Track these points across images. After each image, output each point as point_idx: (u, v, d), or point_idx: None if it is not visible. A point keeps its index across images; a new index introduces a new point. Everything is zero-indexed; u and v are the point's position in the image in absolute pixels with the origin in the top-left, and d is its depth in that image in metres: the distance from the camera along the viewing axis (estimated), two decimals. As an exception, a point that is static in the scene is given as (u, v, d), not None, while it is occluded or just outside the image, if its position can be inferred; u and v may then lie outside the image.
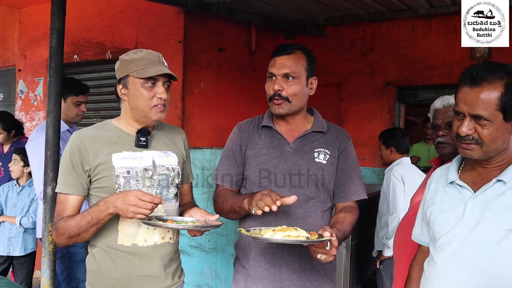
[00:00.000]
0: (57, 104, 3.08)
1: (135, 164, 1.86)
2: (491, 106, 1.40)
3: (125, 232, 1.84)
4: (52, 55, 3.10)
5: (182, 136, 2.11)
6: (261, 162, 1.99)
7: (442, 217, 1.55)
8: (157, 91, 1.84)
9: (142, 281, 1.87)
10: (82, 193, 1.85)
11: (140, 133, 1.91)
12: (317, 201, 1.97)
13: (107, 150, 1.85)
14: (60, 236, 1.81)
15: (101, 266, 1.87)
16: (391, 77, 5.43)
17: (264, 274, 1.96)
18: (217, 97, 4.89)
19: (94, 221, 1.74)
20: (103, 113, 5.00)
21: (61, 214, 1.83)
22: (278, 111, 1.96)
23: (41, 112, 5.48)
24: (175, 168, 1.97)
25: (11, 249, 3.91)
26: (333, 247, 1.62)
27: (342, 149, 2.03)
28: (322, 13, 5.20)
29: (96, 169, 1.83)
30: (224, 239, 3.73)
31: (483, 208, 1.45)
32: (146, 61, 1.84)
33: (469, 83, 1.43)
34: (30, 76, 5.65)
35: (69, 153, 1.84)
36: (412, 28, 5.29)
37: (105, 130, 1.92)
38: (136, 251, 1.85)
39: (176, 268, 2.01)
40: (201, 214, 1.88)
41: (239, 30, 5.24)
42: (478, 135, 1.43)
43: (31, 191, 3.99)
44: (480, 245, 1.43)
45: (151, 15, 4.64)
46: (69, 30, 4.85)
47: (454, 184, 1.56)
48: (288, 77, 1.92)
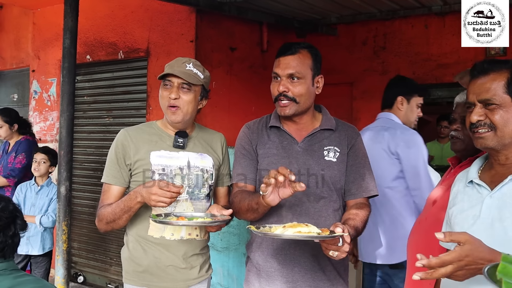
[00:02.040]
0: (70, 104, 3.11)
1: (171, 162, 2.02)
2: (499, 90, 1.44)
3: (155, 224, 1.99)
4: (65, 56, 3.14)
5: (221, 140, 2.22)
6: (272, 162, 1.97)
7: (461, 216, 1.54)
8: (170, 92, 1.97)
9: (169, 270, 2.02)
10: (124, 184, 2.05)
11: (178, 135, 2.05)
12: (328, 200, 1.95)
13: (147, 148, 2.02)
14: (100, 221, 2.01)
15: (132, 253, 2.05)
16: (404, 75, 5.36)
17: (276, 274, 1.94)
18: (228, 96, 4.89)
19: (126, 209, 1.91)
20: (116, 113, 5.03)
21: (103, 202, 2.03)
22: (284, 113, 1.94)
23: (55, 112, 5.53)
24: (209, 170, 2.09)
25: (30, 248, 3.96)
26: (345, 244, 1.60)
27: (352, 146, 2.01)
28: (334, 12, 5.17)
29: (135, 164, 2.01)
30: (237, 239, 3.72)
31: (500, 206, 1.43)
32: (170, 65, 2.00)
33: (477, 74, 1.49)
34: (43, 77, 5.70)
35: (114, 147, 2.05)
36: (425, 26, 5.23)
37: (149, 130, 2.10)
38: (163, 243, 2.02)
39: (204, 262, 2.12)
40: (217, 210, 1.93)
41: (251, 29, 5.23)
42: (490, 120, 1.45)
43: (49, 191, 4.05)
44: (495, 243, 1.39)
45: (163, 15, 4.65)
46: (82, 30, 4.88)
47: (473, 183, 1.55)
48: (293, 78, 1.91)
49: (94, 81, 5.24)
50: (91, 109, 5.27)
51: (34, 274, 4.02)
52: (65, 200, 3.05)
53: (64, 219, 3.05)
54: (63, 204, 3.04)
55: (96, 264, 5.12)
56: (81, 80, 5.26)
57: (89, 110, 5.28)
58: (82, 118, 5.28)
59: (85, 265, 5.25)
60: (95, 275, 5.14)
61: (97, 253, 5.09)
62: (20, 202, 4.00)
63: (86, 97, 5.28)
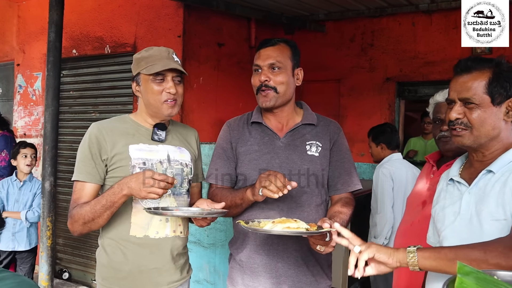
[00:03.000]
0: (55, 99, 3.08)
1: (151, 156, 1.92)
2: (479, 90, 1.45)
3: (138, 223, 1.88)
4: (50, 49, 3.10)
5: (195, 135, 2.17)
6: (253, 159, 1.98)
7: (443, 213, 1.57)
8: (165, 86, 1.88)
9: (152, 274, 1.90)
10: (99, 181, 1.90)
11: (157, 127, 1.96)
12: (311, 195, 1.97)
13: (124, 141, 1.90)
14: (75, 223, 1.84)
15: (112, 259, 1.90)
16: (391, 72, 5.42)
17: (260, 270, 1.95)
18: (216, 92, 4.88)
19: (109, 204, 1.76)
20: (102, 108, 4.98)
21: (76, 201, 1.87)
22: (265, 104, 1.95)
23: (40, 106, 5.46)
24: (188, 164, 2.02)
25: (16, 244, 3.93)
26: (332, 239, 1.63)
27: (335, 141, 2.03)
28: (322, 8, 5.18)
29: (113, 159, 1.88)
30: (223, 235, 3.72)
31: (476, 201, 1.47)
32: (155, 57, 1.89)
33: (459, 71, 1.50)
34: (28, 71, 5.63)
35: (88, 142, 1.90)
36: (413, 24, 5.27)
37: (123, 123, 1.98)
38: (147, 243, 1.89)
39: (185, 263, 2.05)
40: (207, 204, 1.88)
41: (239, 25, 5.21)
42: (467, 119, 1.47)
43: (32, 186, 4.01)
44: (473, 236, 1.44)
45: (150, 10, 4.61)
46: (68, 24, 4.82)
47: (454, 181, 1.59)
48: (274, 68, 1.93)
49: (80, 76, 5.18)
50: (77, 104, 5.21)
51: (20, 270, 3.99)
52: (50, 195, 3.01)
53: (49, 215, 3.02)
54: (48, 200, 3.01)
55: (81, 261, 5.08)
56: (67, 75, 5.20)
57: (75, 105, 5.22)
58: (68, 113, 5.23)
59: (70, 261, 5.21)
60: (80, 271, 5.10)
61: (82, 250, 5.05)
62: (3, 199, 3.96)
63: (72, 92, 5.22)
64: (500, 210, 1.40)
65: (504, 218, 1.38)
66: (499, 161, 1.47)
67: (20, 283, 1.45)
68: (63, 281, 5.14)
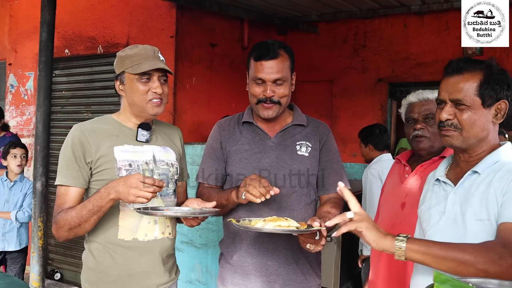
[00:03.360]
0: (47, 99, 3.07)
1: (136, 157, 1.87)
2: (470, 91, 1.46)
3: (126, 226, 1.83)
4: (42, 49, 3.09)
5: (178, 134, 2.12)
6: (244, 158, 1.99)
7: (428, 213, 1.59)
8: (152, 86, 1.84)
9: (142, 277, 1.86)
10: (84, 185, 1.84)
11: (142, 127, 1.92)
12: (300, 194, 1.99)
13: (109, 143, 1.85)
14: (60, 228, 1.78)
15: (100, 263, 1.85)
16: (383, 73, 5.45)
17: (250, 269, 1.97)
18: (209, 92, 4.88)
19: (95, 209, 1.71)
20: (94, 108, 4.97)
21: (61, 207, 1.80)
22: (267, 115, 1.95)
23: (32, 106, 5.44)
24: (174, 163, 1.98)
25: (6, 244, 3.90)
26: (322, 237, 1.66)
27: (324, 142, 2.05)
28: (315, 9, 5.20)
29: (97, 162, 1.82)
30: (215, 235, 3.72)
31: (461, 201, 1.48)
32: (141, 56, 1.84)
33: (451, 72, 1.51)
34: (20, 70, 5.60)
35: (70, 144, 1.83)
36: (405, 25, 5.30)
37: (106, 124, 1.92)
38: (136, 246, 1.84)
39: (173, 265, 2.02)
40: (198, 203, 1.86)
41: (232, 26, 5.22)
42: (458, 120, 1.48)
43: (23, 186, 4.00)
44: (457, 236, 1.45)
45: (143, 10, 4.61)
46: (60, 24, 4.81)
47: (440, 181, 1.60)
48: (278, 81, 1.92)
49: (73, 76, 5.16)
50: (69, 104, 5.19)
51: (10, 270, 3.96)
52: (41, 196, 3.00)
53: (40, 215, 3.01)
54: (39, 200, 3.00)
55: (73, 261, 5.06)
56: (59, 75, 5.18)
57: (67, 105, 5.21)
58: (60, 113, 5.21)
59: (62, 262, 5.19)
60: (72, 272, 5.08)
61: (74, 250, 5.03)
62: None
63: (64, 91, 5.21)
64: (484, 210, 1.41)
65: (487, 219, 1.40)
66: (484, 162, 1.49)
67: (11, 283, 1.44)
68: (55, 282, 5.12)
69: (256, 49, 1.96)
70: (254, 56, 1.94)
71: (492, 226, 1.39)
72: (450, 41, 5.04)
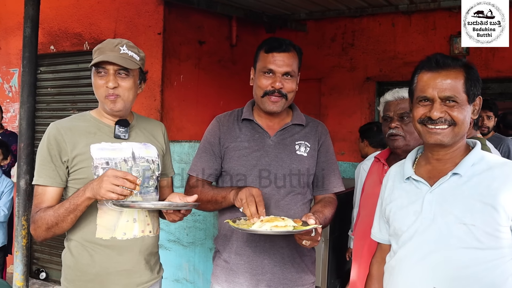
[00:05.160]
0: (31, 95, 3.01)
1: (114, 155, 1.83)
2: (459, 88, 1.47)
3: (104, 225, 1.80)
4: (26, 45, 3.04)
5: (161, 129, 2.07)
6: (243, 155, 1.98)
7: (401, 213, 1.57)
8: (106, 80, 1.79)
9: (121, 276, 1.83)
10: (61, 184, 1.81)
11: (119, 124, 1.87)
12: (298, 194, 2.00)
13: (85, 141, 1.81)
14: (38, 228, 1.75)
15: (78, 261, 1.82)
16: (371, 72, 5.46)
17: (246, 267, 1.96)
18: (196, 90, 4.85)
19: (72, 207, 1.69)
20: (81, 105, 4.91)
21: (38, 206, 1.78)
22: (272, 109, 1.95)
23: (16, 103, 5.35)
24: (155, 160, 1.94)
25: None
26: (317, 234, 1.68)
27: (322, 142, 2.07)
28: (304, 7, 5.20)
29: (74, 160, 1.79)
30: (203, 233, 3.70)
31: (440, 202, 1.48)
32: (101, 50, 1.80)
33: (436, 67, 1.50)
34: (4, 67, 5.51)
35: (46, 143, 1.80)
36: (392, 24, 5.32)
37: (83, 121, 1.88)
38: (115, 245, 1.81)
39: (155, 263, 1.98)
40: (180, 197, 1.82)
41: (220, 23, 5.19)
42: (450, 117, 1.47)
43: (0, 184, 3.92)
44: (440, 238, 1.45)
45: (130, 6, 4.56)
46: (46, 20, 4.74)
47: (411, 179, 1.59)
48: (287, 75, 1.92)
49: (59, 73, 5.10)
50: (55, 101, 5.12)
51: (-12, 270, 3.91)
52: (25, 194, 2.95)
53: (24, 214, 2.95)
54: (23, 199, 2.94)
55: (59, 260, 4.96)
56: (44, 71, 5.11)
57: (53, 102, 5.14)
58: (46, 110, 5.14)
59: (48, 261, 5.13)
60: (58, 271, 5.02)
61: (60, 249, 4.90)
62: None
63: (50, 88, 5.14)
64: (468, 215, 1.41)
65: (472, 224, 1.40)
66: (464, 163, 1.49)
67: None
68: (41, 281, 5.06)
69: (267, 42, 1.96)
70: (265, 48, 1.94)
71: (478, 231, 1.39)
72: (437, 40, 5.07)
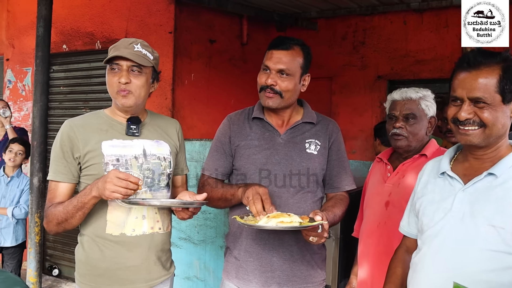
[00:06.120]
0: (44, 94, 3.05)
1: (125, 152, 1.85)
2: (490, 88, 1.39)
3: (114, 221, 1.84)
4: (38, 44, 3.08)
5: (176, 126, 2.09)
6: (253, 154, 1.99)
7: (431, 208, 1.54)
8: (120, 76, 1.82)
9: (130, 271, 1.86)
10: (73, 180, 1.85)
11: (131, 121, 1.90)
12: (308, 192, 2.00)
13: (97, 138, 1.84)
14: (50, 222, 1.82)
15: (89, 255, 1.86)
16: (383, 70, 5.43)
17: (255, 264, 1.97)
18: (207, 88, 4.86)
19: (80, 205, 1.73)
20: (92, 104, 4.95)
21: (51, 201, 1.83)
22: (268, 104, 1.96)
23: (29, 102, 5.41)
24: (167, 157, 1.96)
25: (2, 240, 3.89)
26: (324, 230, 1.68)
27: (333, 140, 2.06)
28: (314, 6, 5.18)
29: (85, 157, 1.83)
30: (213, 231, 3.71)
31: (472, 201, 1.43)
32: (116, 47, 1.84)
33: (467, 67, 1.43)
34: (18, 66, 5.57)
35: (59, 140, 1.85)
36: (404, 22, 5.28)
37: (96, 119, 1.92)
38: (124, 241, 1.84)
39: (166, 260, 1.99)
40: (189, 196, 1.84)
41: (231, 22, 5.20)
42: (479, 118, 1.42)
43: (20, 182, 3.97)
44: (466, 238, 1.41)
45: (141, 5, 4.58)
46: (58, 19, 4.79)
47: (445, 175, 1.55)
48: (283, 73, 1.92)
49: (71, 71, 5.14)
50: (67, 100, 5.17)
51: (6, 266, 3.96)
52: (38, 191, 2.99)
53: (37, 211, 3.00)
54: (36, 196, 2.99)
55: (71, 257, 5.04)
56: (57, 70, 5.16)
57: (65, 100, 5.19)
58: (58, 109, 5.19)
59: (60, 258, 5.18)
60: (71, 268, 5.07)
61: (72, 246, 4.96)
62: None
63: (62, 87, 5.19)
64: (499, 217, 1.36)
65: (502, 227, 1.35)
66: (501, 164, 1.43)
67: (5, 279, 1.43)
68: (53, 278, 5.11)
69: (273, 40, 1.98)
70: (269, 46, 1.97)
71: (507, 235, 1.34)
72: (450, 38, 5.03)
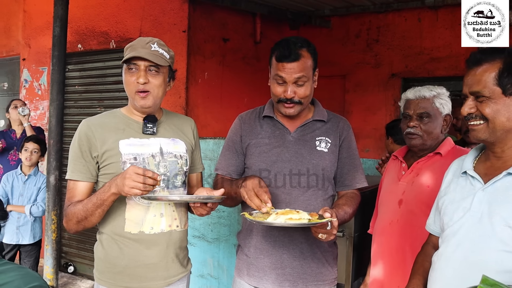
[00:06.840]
0: (60, 93, 3.09)
1: (142, 150, 1.87)
2: (488, 82, 1.43)
3: (132, 219, 1.85)
4: (55, 44, 3.11)
5: (191, 124, 2.10)
6: (263, 151, 2.00)
7: (452, 207, 1.54)
8: (138, 76, 1.82)
9: (149, 269, 1.88)
10: (91, 179, 1.87)
11: (147, 120, 1.91)
12: (318, 190, 1.99)
13: (115, 137, 1.86)
14: (69, 221, 1.83)
15: (108, 253, 1.88)
16: (397, 68, 5.39)
17: (266, 261, 1.98)
18: (221, 87, 4.88)
19: (99, 202, 1.74)
20: (107, 102, 4.99)
21: (70, 200, 1.85)
22: (289, 113, 1.95)
23: (45, 101, 5.48)
24: (183, 155, 1.97)
25: (20, 237, 3.94)
26: (333, 227, 1.67)
27: (344, 138, 2.05)
28: (328, 4, 5.16)
29: (103, 156, 1.84)
30: (227, 229, 3.73)
31: (490, 201, 1.43)
32: (133, 47, 1.84)
33: (470, 66, 1.48)
34: (34, 65, 5.65)
35: (77, 140, 1.86)
36: (419, 19, 5.24)
37: (113, 118, 1.93)
38: (143, 239, 1.86)
39: (183, 257, 2.01)
40: (207, 192, 1.84)
41: (244, 20, 5.20)
42: (481, 112, 1.45)
43: (37, 180, 4.02)
44: (483, 238, 1.40)
45: (155, 4, 4.61)
46: (73, 19, 4.84)
47: (467, 174, 1.55)
48: (299, 81, 1.90)
49: (86, 71, 5.20)
50: (82, 99, 5.23)
51: (24, 263, 4.01)
52: (54, 189, 3.03)
53: (53, 209, 3.04)
54: (52, 194, 3.02)
55: (86, 254, 5.11)
56: (72, 69, 5.22)
57: (80, 99, 5.24)
58: (73, 108, 5.25)
59: (76, 255, 5.24)
60: (86, 265, 5.13)
61: (87, 243, 5.08)
62: (8, 192, 3.97)
63: (77, 86, 5.25)
64: None
65: None
66: None
67: (25, 275, 1.46)
68: (69, 275, 5.17)
69: (277, 48, 1.91)
70: (275, 56, 1.91)
71: None
72: (465, 35, 4.97)
